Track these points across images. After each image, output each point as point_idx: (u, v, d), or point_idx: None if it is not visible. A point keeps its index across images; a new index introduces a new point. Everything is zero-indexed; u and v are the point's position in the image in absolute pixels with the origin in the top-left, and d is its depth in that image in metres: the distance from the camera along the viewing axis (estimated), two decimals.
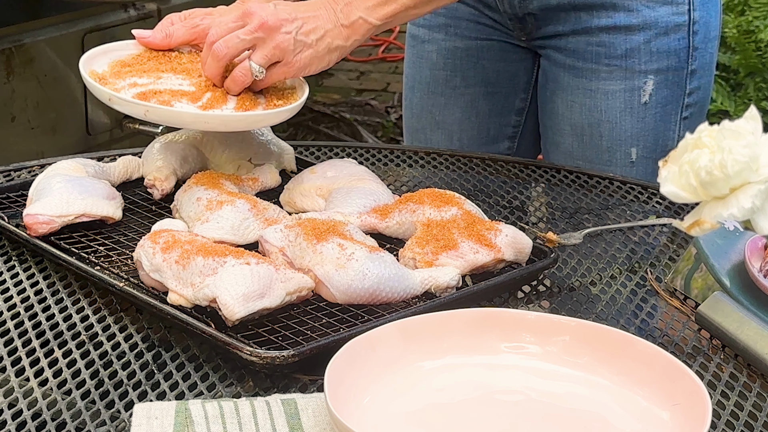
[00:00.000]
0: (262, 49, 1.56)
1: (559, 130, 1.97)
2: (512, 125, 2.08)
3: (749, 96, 3.84)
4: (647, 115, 1.90)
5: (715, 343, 1.34)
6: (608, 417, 1.15)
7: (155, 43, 1.69)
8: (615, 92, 1.89)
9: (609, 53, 1.88)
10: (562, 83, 1.94)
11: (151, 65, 1.66)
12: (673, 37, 1.87)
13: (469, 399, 1.17)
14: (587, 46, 1.90)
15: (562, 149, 1.97)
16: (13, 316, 1.36)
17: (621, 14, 1.86)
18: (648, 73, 1.88)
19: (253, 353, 1.22)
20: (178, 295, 1.32)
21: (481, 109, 2.06)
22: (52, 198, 1.50)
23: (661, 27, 1.86)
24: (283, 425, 1.11)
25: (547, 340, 1.22)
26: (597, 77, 1.90)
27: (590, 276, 1.50)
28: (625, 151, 1.91)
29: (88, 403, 1.18)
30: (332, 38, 1.58)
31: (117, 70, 1.65)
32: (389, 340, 1.19)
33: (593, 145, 1.93)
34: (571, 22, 1.90)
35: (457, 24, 2.01)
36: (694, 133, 1.02)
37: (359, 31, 1.60)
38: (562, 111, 1.95)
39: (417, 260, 1.42)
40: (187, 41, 1.69)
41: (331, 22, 1.58)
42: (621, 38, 1.87)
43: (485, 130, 2.07)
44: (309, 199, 1.59)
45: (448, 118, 2.07)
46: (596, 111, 1.91)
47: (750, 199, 0.99)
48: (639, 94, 1.89)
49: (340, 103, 5.18)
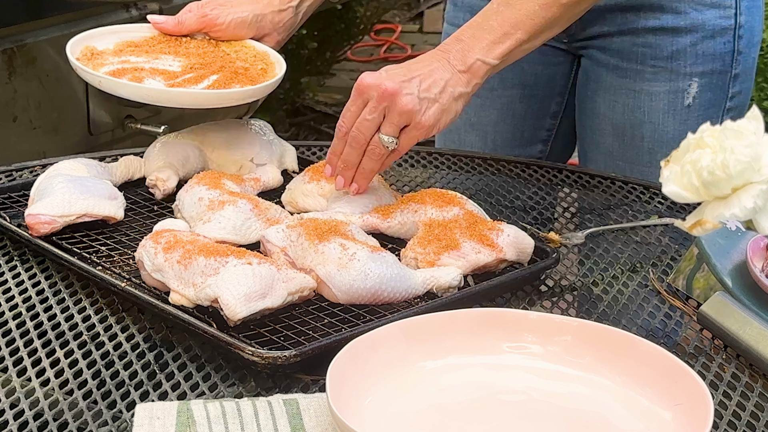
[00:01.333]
0: (390, 118, 1.50)
1: (600, 130, 1.96)
2: (546, 128, 2.07)
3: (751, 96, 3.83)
4: (690, 117, 1.89)
5: (717, 343, 1.34)
6: (610, 417, 1.15)
7: (167, 28, 1.77)
8: (659, 93, 1.89)
9: (655, 54, 1.88)
10: (604, 83, 1.94)
11: (158, 48, 1.75)
12: (719, 41, 1.87)
13: (471, 399, 1.17)
14: (633, 47, 1.89)
15: (602, 149, 1.96)
16: (15, 316, 1.36)
17: (669, 16, 1.86)
18: (693, 75, 1.88)
19: (255, 353, 1.22)
20: (179, 295, 1.32)
21: (517, 112, 2.05)
22: (54, 198, 1.50)
23: (708, 30, 1.86)
24: (285, 425, 1.11)
25: (549, 340, 1.22)
26: (641, 78, 1.90)
27: (592, 276, 1.50)
28: (666, 153, 1.89)
29: (90, 403, 1.18)
30: (453, 86, 1.52)
31: (120, 49, 1.74)
32: (391, 340, 1.19)
33: (634, 146, 1.93)
34: (618, 22, 1.89)
35: None
36: (696, 133, 1.02)
37: (478, 74, 1.55)
38: (604, 110, 1.95)
39: (419, 260, 1.42)
40: (197, 29, 1.76)
41: (448, 72, 1.53)
42: (668, 40, 1.87)
43: (519, 133, 2.07)
44: (311, 199, 1.59)
45: (483, 119, 2.06)
46: (639, 112, 1.91)
47: (752, 199, 0.99)
48: (683, 96, 1.88)
49: (341, 103, 5.16)
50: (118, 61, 1.69)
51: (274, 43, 1.80)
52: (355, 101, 1.53)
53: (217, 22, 1.76)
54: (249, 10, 1.77)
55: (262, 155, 1.71)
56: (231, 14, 1.76)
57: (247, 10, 1.77)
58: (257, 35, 1.79)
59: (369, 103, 1.51)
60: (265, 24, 1.78)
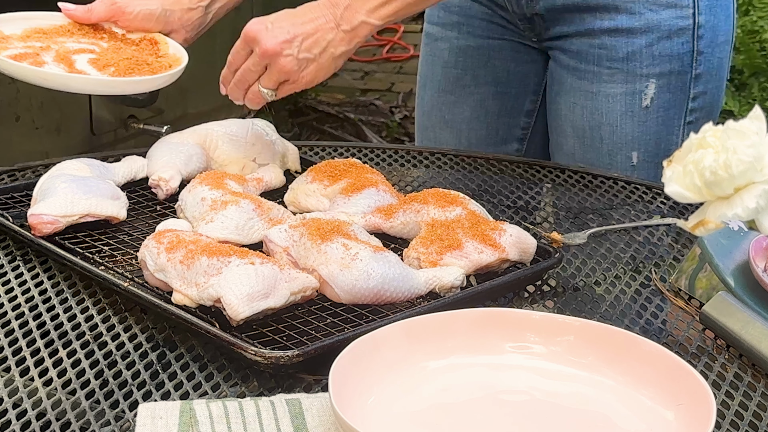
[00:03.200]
0: (269, 74, 1.61)
1: (563, 132, 1.96)
2: (521, 127, 2.07)
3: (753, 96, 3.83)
4: (648, 119, 1.88)
5: (719, 342, 1.34)
6: (613, 417, 1.15)
7: (77, 16, 1.80)
8: (616, 95, 1.88)
9: (610, 56, 1.87)
10: (565, 85, 1.94)
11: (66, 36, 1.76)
12: (676, 41, 1.86)
13: (474, 399, 1.17)
14: (590, 48, 1.89)
15: (565, 151, 1.96)
16: (17, 316, 1.36)
17: (623, 17, 1.85)
18: (649, 76, 1.87)
19: (258, 353, 1.22)
20: (182, 295, 1.32)
21: (491, 109, 2.05)
22: (57, 198, 1.50)
23: (664, 30, 1.85)
24: (288, 425, 1.11)
25: (552, 340, 1.22)
26: (598, 80, 1.89)
27: (594, 276, 1.50)
28: (626, 155, 1.90)
29: (92, 402, 1.18)
30: (335, 47, 1.60)
31: (28, 35, 1.75)
32: (394, 340, 1.19)
33: (594, 148, 1.92)
34: (576, 23, 1.89)
35: (470, 22, 2.01)
36: (699, 133, 1.02)
37: (361, 34, 1.61)
38: (565, 113, 1.94)
39: (421, 260, 1.42)
40: (106, 18, 1.80)
41: (332, 32, 1.60)
42: (623, 41, 1.86)
43: (494, 131, 2.07)
44: (313, 198, 1.59)
45: (457, 116, 2.06)
46: (597, 114, 1.90)
47: (754, 199, 0.99)
48: (640, 97, 1.87)
49: (344, 103, 5.18)
50: (22, 46, 1.70)
51: (182, 40, 1.82)
52: (243, 46, 1.63)
53: (126, 11, 1.79)
54: (158, 4, 1.80)
55: (264, 155, 1.71)
56: (140, 6, 1.80)
57: (157, 4, 1.80)
58: (165, 30, 1.82)
59: (252, 56, 1.61)
60: (173, 20, 1.81)
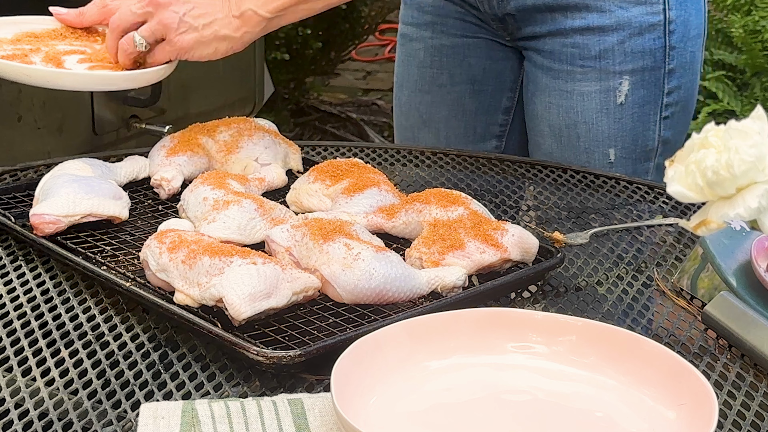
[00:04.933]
0: (149, 23, 1.63)
1: (540, 132, 1.97)
2: (499, 124, 2.08)
3: (756, 96, 3.82)
4: (624, 115, 1.89)
5: (721, 343, 1.34)
6: (615, 417, 1.15)
7: (69, 19, 1.79)
8: (590, 93, 1.89)
9: (583, 54, 1.88)
10: (540, 85, 1.95)
11: (58, 39, 1.75)
12: (647, 37, 1.86)
13: (476, 399, 1.17)
14: (562, 48, 1.90)
15: (543, 150, 1.97)
16: (19, 316, 1.36)
17: (594, 15, 1.86)
18: (623, 73, 1.87)
19: (260, 353, 1.22)
20: (184, 295, 1.32)
21: (468, 108, 2.06)
22: (59, 198, 1.50)
23: (635, 27, 1.86)
24: (290, 425, 1.11)
25: (554, 340, 1.22)
26: (572, 78, 1.90)
27: (597, 276, 1.50)
28: (603, 152, 1.91)
29: (94, 402, 1.18)
30: (220, 26, 1.62)
31: (18, 39, 1.75)
32: (396, 339, 1.19)
33: (571, 147, 1.93)
34: (547, 23, 1.90)
35: (444, 22, 2.01)
36: (701, 133, 1.02)
37: (249, 23, 1.62)
38: (541, 112, 1.95)
39: (423, 260, 1.42)
40: (98, 21, 1.78)
41: (222, 12, 1.62)
42: (594, 39, 1.87)
43: (472, 129, 2.07)
44: (315, 198, 1.59)
45: (435, 116, 2.07)
46: (572, 112, 1.91)
47: (756, 199, 0.99)
48: (614, 94, 1.88)
49: (346, 103, 5.18)
50: (11, 49, 1.70)
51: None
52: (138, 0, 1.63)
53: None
54: None
55: (266, 155, 1.71)
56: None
57: None
58: None
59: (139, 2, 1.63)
60: None
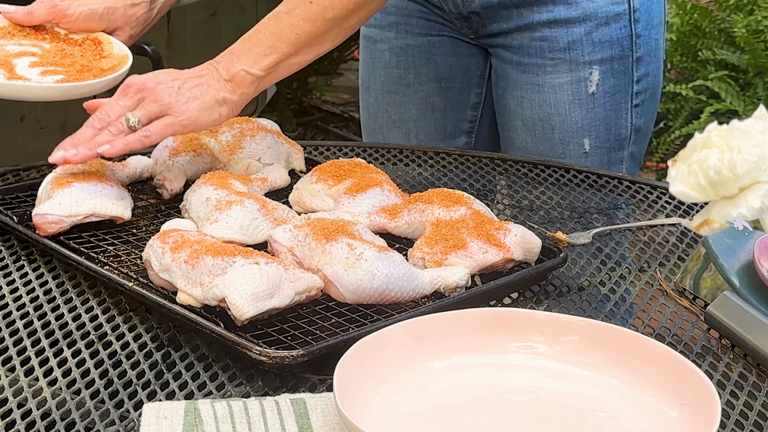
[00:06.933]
0: (143, 104, 1.53)
1: (513, 127, 1.98)
2: (468, 120, 2.09)
3: (758, 95, 3.82)
4: (596, 105, 1.91)
5: (724, 342, 1.34)
6: (617, 416, 1.15)
7: (17, 18, 1.76)
8: (562, 85, 1.91)
9: (552, 47, 1.90)
10: (511, 80, 1.96)
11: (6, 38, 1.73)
12: (614, 27, 1.88)
13: (478, 399, 1.17)
14: (531, 42, 1.91)
15: (517, 145, 1.98)
16: (22, 316, 1.36)
17: (560, 8, 1.88)
18: (592, 63, 1.89)
19: (263, 353, 1.22)
20: (187, 295, 1.32)
21: (437, 106, 2.07)
22: (62, 198, 1.50)
23: (601, 17, 1.88)
24: (293, 425, 1.11)
25: (557, 340, 1.22)
26: (543, 71, 1.91)
27: (599, 276, 1.50)
28: (578, 143, 1.93)
29: (97, 402, 1.18)
30: (217, 90, 1.56)
31: None
32: (398, 339, 1.19)
33: (546, 139, 1.94)
34: (514, 18, 1.91)
35: (408, 21, 2.02)
36: (704, 133, 1.02)
37: (243, 84, 1.57)
38: (514, 107, 1.97)
39: (426, 260, 1.42)
40: (47, 20, 1.76)
41: (213, 78, 1.57)
42: (562, 31, 1.88)
43: (442, 126, 2.08)
44: (318, 198, 1.59)
45: (404, 116, 2.08)
46: (545, 105, 1.92)
47: (759, 199, 0.99)
48: (586, 85, 1.90)
49: (349, 103, 5.18)
50: None
51: (127, 37, 1.80)
52: (117, 97, 1.55)
53: (67, 13, 1.76)
54: (100, 3, 1.77)
55: (269, 155, 1.71)
56: (81, 6, 1.76)
57: (98, 3, 1.77)
58: (108, 28, 1.78)
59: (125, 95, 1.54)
60: (117, 17, 1.78)
